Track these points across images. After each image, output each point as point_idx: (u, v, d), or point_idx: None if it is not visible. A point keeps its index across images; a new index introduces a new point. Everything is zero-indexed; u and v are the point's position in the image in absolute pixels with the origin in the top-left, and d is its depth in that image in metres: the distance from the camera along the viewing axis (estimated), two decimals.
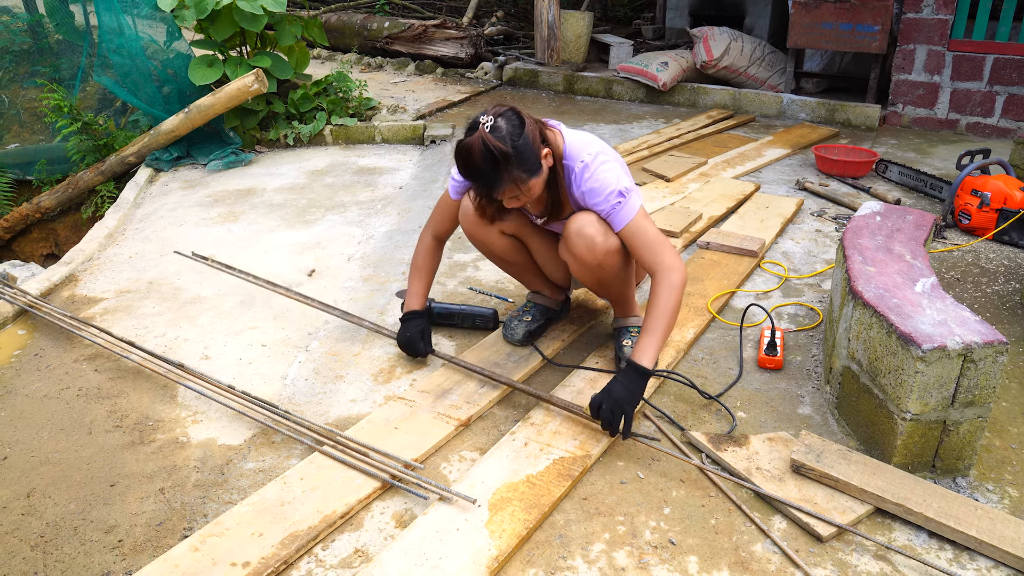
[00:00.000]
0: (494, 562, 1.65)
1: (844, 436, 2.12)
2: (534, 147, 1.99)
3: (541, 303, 2.58)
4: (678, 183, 4.10)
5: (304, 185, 4.24)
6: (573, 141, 2.14)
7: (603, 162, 2.10)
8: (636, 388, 1.98)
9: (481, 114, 1.99)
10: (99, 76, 4.74)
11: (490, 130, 1.93)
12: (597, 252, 2.14)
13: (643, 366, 1.99)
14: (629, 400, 1.96)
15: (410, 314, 2.45)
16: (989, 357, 1.80)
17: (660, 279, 2.06)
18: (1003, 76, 4.83)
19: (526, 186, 2.01)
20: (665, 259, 2.06)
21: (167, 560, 1.67)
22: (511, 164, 1.94)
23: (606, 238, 2.14)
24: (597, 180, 2.09)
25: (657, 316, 2.02)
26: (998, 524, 1.73)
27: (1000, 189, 3.33)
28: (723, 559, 1.72)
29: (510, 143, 1.93)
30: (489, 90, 6.40)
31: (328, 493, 1.86)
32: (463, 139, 1.96)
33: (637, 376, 1.99)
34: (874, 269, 2.18)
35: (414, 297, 2.46)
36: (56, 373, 2.46)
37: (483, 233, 2.37)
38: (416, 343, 2.40)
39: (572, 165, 2.12)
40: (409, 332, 2.41)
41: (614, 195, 2.08)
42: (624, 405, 1.95)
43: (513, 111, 2.00)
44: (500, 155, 1.92)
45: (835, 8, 5.09)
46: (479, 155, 1.92)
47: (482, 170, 1.95)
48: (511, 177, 1.97)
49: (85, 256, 3.35)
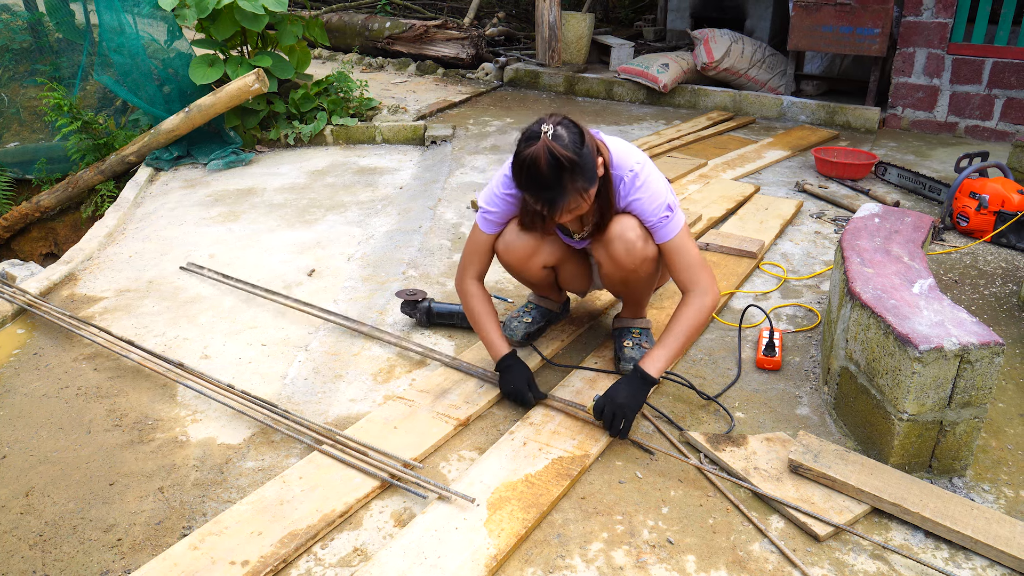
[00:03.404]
0: (493, 561, 1.66)
1: (842, 436, 2.12)
2: (593, 156, 1.92)
3: (542, 305, 2.58)
4: (678, 184, 4.11)
5: (304, 185, 4.25)
6: (618, 148, 2.07)
7: (650, 172, 2.06)
8: (639, 394, 2.02)
9: (538, 123, 1.89)
10: (99, 75, 4.74)
11: (553, 138, 1.84)
12: (636, 257, 2.12)
13: (650, 375, 2.03)
14: (631, 406, 2.00)
15: (506, 359, 2.23)
16: (985, 358, 1.81)
17: (693, 297, 2.06)
18: (1002, 79, 4.84)
19: (588, 195, 1.93)
20: (703, 280, 2.07)
21: (166, 559, 1.67)
22: (577, 173, 1.86)
23: (646, 244, 2.11)
24: (648, 191, 2.04)
25: (678, 331, 2.04)
26: (994, 524, 1.73)
27: (998, 192, 3.34)
28: (721, 558, 1.72)
29: (573, 150, 1.85)
30: (490, 91, 6.40)
31: (327, 492, 1.87)
32: (524, 150, 1.86)
33: (642, 383, 2.03)
34: (872, 270, 2.18)
35: (497, 341, 2.26)
36: (55, 372, 2.47)
37: (528, 268, 2.29)
38: (524, 394, 2.18)
39: (620, 175, 2.05)
40: (515, 383, 2.20)
41: (663, 208, 2.05)
42: (626, 410, 1.99)
43: (568, 119, 1.91)
44: (568, 164, 1.83)
45: (835, 11, 5.10)
46: (546, 165, 1.82)
47: (548, 181, 1.85)
48: (575, 187, 1.88)
49: (85, 255, 3.35)
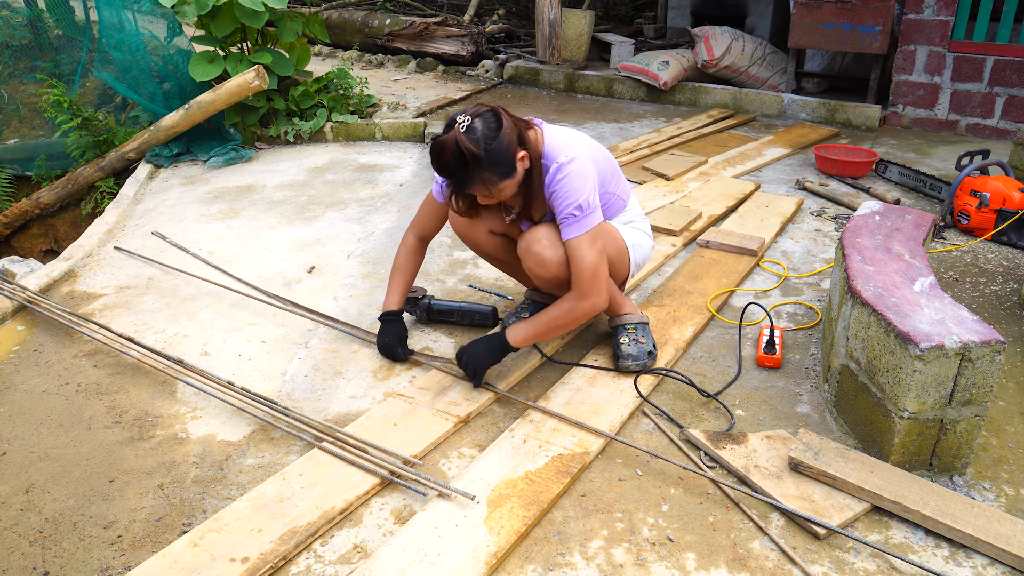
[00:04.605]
0: (493, 558, 1.66)
1: (842, 434, 2.12)
2: (509, 150, 2.00)
3: (540, 300, 2.59)
4: (678, 182, 4.11)
5: (304, 182, 4.24)
6: (554, 140, 2.13)
7: (576, 169, 2.09)
8: (495, 351, 2.22)
9: (459, 113, 2.01)
10: (99, 72, 4.74)
11: (465, 131, 1.96)
12: (550, 267, 2.18)
13: (509, 342, 2.20)
14: (484, 360, 2.22)
15: (388, 315, 2.46)
16: (986, 356, 1.81)
17: (570, 297, 2.15)
18: (1003, 77, 4.83)
19: (496, 187, 2.04)
20: (585, 285, 2.11)
21: (166, 555, 1.67)
22: (481, 166, 1.97)
23: (556, 251, 2.16)
24: (566, 185, 2.08)
25: (545, 318, 2.18)
26: (994, 522, 1.73)
27: (999, 190, 3.33)
28: (721, 556, 1.72)
29: (483, 145, 1.96)
30: (490, 88, 6.39)
31: (327, 489, 1.87)
32: (438, 136, 1.99)
33: (501, 344, 2.21)
34: (873, 268, 2.18)
35: (393, 296, 2.47)
36: (55, 369, 2.46)
37: (472, 232, 2.40)
38: (394, 348, 2.43)
39: (549, 165, 2.12)
40: (387, 337, 2.44)
41: (573, 206, 2.08)
42: (479, 360, 2.21)
43: (492, 112, 2.02)
44: (470, 156, 1.94)
45: (836, 9, 5.09)
46: (450, 154, 1.95)
47: (452, 168, 1.98)
48: (481, 178, 2.00)
49: (84, 252, 3.35)
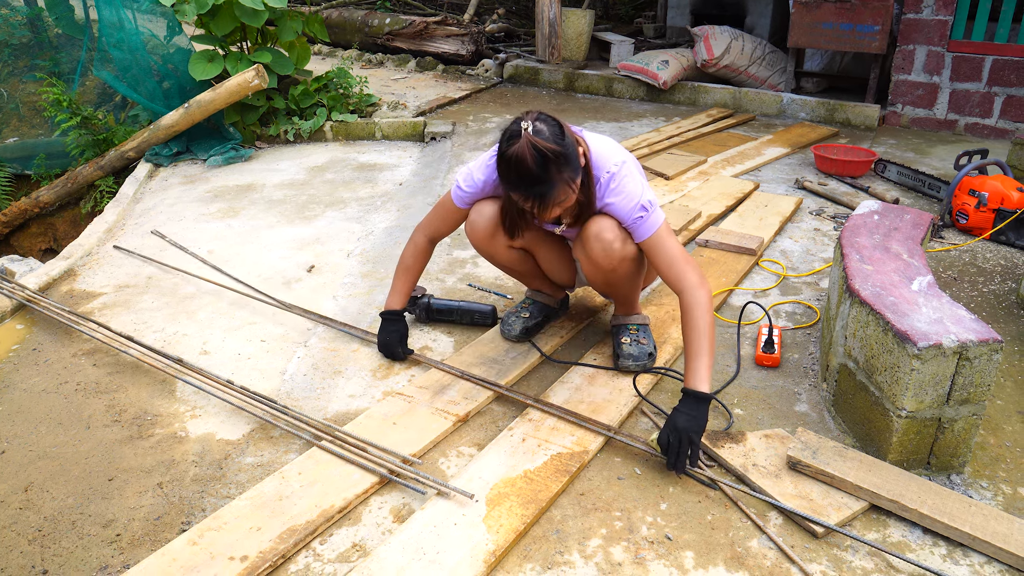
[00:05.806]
0: (491, 556, 1.66)
1: (840, 433, 2.13)
2: (575, 145, 1.96)
3: (540, 300, 2.59)
4: (678, 181, 4.11)
5: (304, 181, 4.24)
6: (598, 148, 2.10)
7: (626, 174, 2.08)
8: (699, 415, 1.91)
9: (516, 121, 1.92)
10: (99, 70, 4.74)
11: (534, 133, 1.87)
12: (613, 257, 2.15)
13: (702, 392, 1.93)
14: (694, 428, 1.89)
15: (389, 314, 2.45)
16: (984, 355, 1.81)
17: (690, 299, 2.02)
18: (1002, 77, 4.83)
19: (575, 184, 1.96)
20: (689, 276, 2.04)
21: (165, 554, 1.67)
22: (563, 164, 1.89)
23: (624, 244, 2.13)
24: (622, 193, 2.07)
25: (699, 338, 1.98)
26: (992, 521, 1.74)
27: (997, 189, 3.34)
28: (719, 554, 1.72)
29: (558, 142, 1.88)
30: (490, 87, 6.39)
31: (326, 488, 1.87)
32: (507, 150, 1.88)
33: (697, 403, 1.92)
34: (871, 267, 2.18)
35: (396, 296, 2.45)
36: (54, 368, 2.47)
37: (492, 248, 2.36)
38: (394, 347, 2.43)
39: (598, 175, 2.08)
40: (388, 336, 2.43)
41: (638, 208, 2.06)
42: (690, 433, 1.89)
43: (545, 114, 1.94)
44: (553, 155, 1.86)
45: (835, 8, 5.09)
46: (532, 160, 1.85)
47: (535, 175, 1.87)
48: (563, 178, 1.91)
49: (84, 251, 3.35)
